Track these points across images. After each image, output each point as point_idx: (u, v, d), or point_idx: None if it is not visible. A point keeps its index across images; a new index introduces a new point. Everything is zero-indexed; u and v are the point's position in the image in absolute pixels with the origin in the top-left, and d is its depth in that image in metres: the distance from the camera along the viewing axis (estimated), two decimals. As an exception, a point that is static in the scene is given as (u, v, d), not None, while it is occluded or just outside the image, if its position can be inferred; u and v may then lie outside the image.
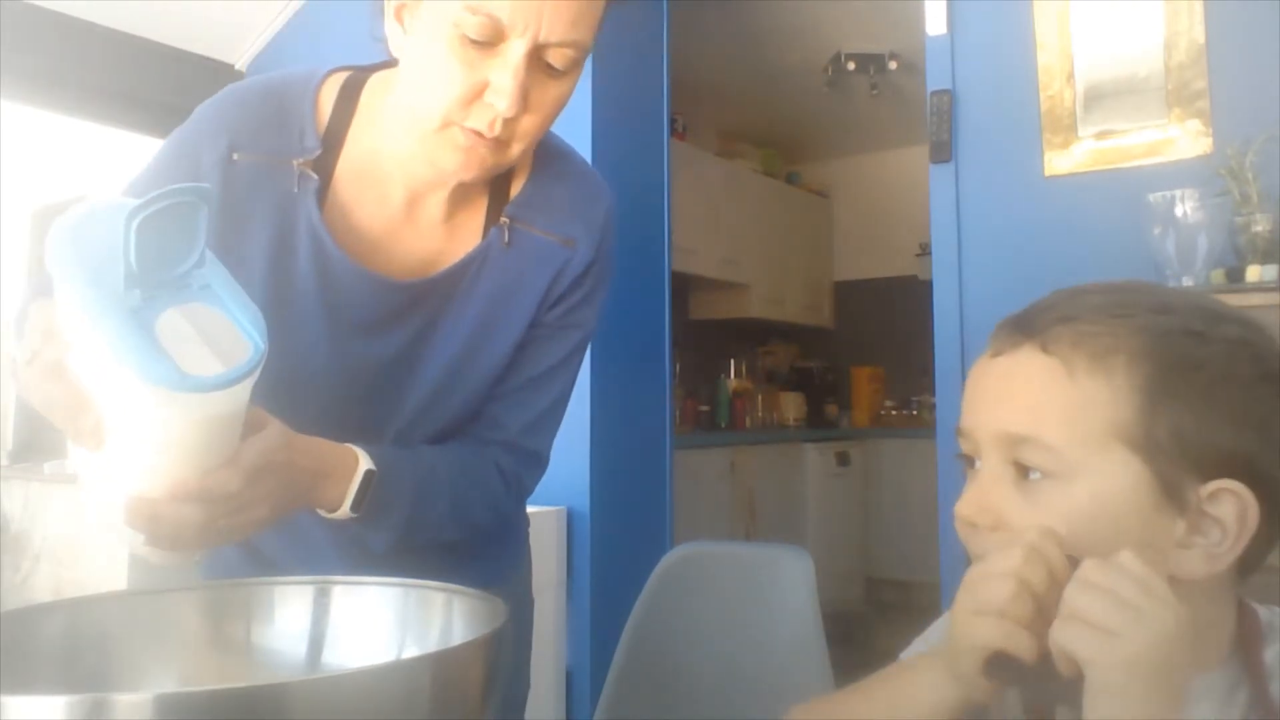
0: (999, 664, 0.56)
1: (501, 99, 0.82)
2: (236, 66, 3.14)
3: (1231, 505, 0.59)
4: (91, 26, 2.74)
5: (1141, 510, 0.60)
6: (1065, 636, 0.53)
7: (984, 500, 0.63)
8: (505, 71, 0.81)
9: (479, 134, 0.84)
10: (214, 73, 3.03)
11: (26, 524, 2.87)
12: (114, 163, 3.00)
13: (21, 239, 2.83)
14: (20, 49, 2.56)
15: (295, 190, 0.91)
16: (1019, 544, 0.57)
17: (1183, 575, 0.59)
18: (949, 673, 0.59)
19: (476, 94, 0.83)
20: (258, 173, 0.90)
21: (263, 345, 0.67)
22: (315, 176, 0.91)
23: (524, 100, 0.83)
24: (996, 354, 0.66)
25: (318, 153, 0.91)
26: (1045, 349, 0.63)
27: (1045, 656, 0.55)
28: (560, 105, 0.88)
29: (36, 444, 2.78)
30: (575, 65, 0.85)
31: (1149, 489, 0.59)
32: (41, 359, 0.67)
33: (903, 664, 0.67)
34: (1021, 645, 0.55)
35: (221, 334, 0.67)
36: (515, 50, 0.81)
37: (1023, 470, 0.62)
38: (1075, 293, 0.66)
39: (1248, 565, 0.62)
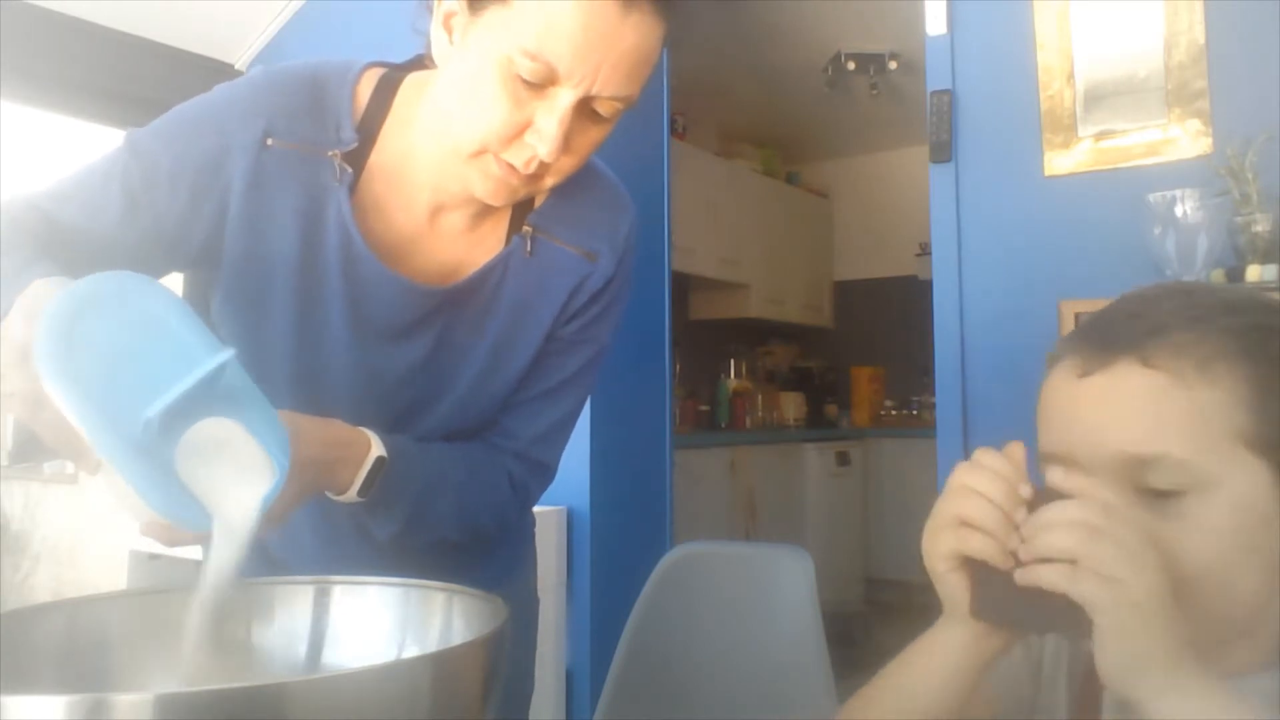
0: (980, 587, 0.59)
1: (543, 144, 0.80)
2: (236, 66, 3.14)
3: None
4: (91, 26, 2.74)
5: (1277, 513, 0.59)
6: (1073, 585, 0.54)
7: None
8: (551, 117, 0.80)
9: (513, 168, 0.83)
10: (214, 73, 3.03)
11: (26, 524, 2.86)
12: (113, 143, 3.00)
13: (21, 239, 2.82)
14: (20, 49, 2.56)
15: (329, 182, 0.89)
16: (969, 463, 0.60)
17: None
18: (953, 624, 0.62)
19: (518, 132, 0.81)
20: (290, 160, 0.89)
21: (286, 464, 0.64)
22: (350, 170, 0.90)
23: (565, 146, 0.82)
24: (1086, 373, 0.64)
25: (354, 145, 0.90)
26: (1146, 363, 0.61)
27: (1030, 593, 0.56)
28: (596, 146, 0.87)
29: (37, 444, 2.78)
30: (619, 114, 0.84)
31: (1273, 491, 0.59)
32: (32, 415, 0.64)
33: (918, 640, 0.67)
34: (985, 549, 0.57)
35: (242, 447, 0.64)
36: (564, 98, 0.79)
37: (1150, 491, 0.60)
38: (1145, 300, 0.65)
39: None
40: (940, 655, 0.63)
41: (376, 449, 0.84)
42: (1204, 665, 0.54)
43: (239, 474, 0.63)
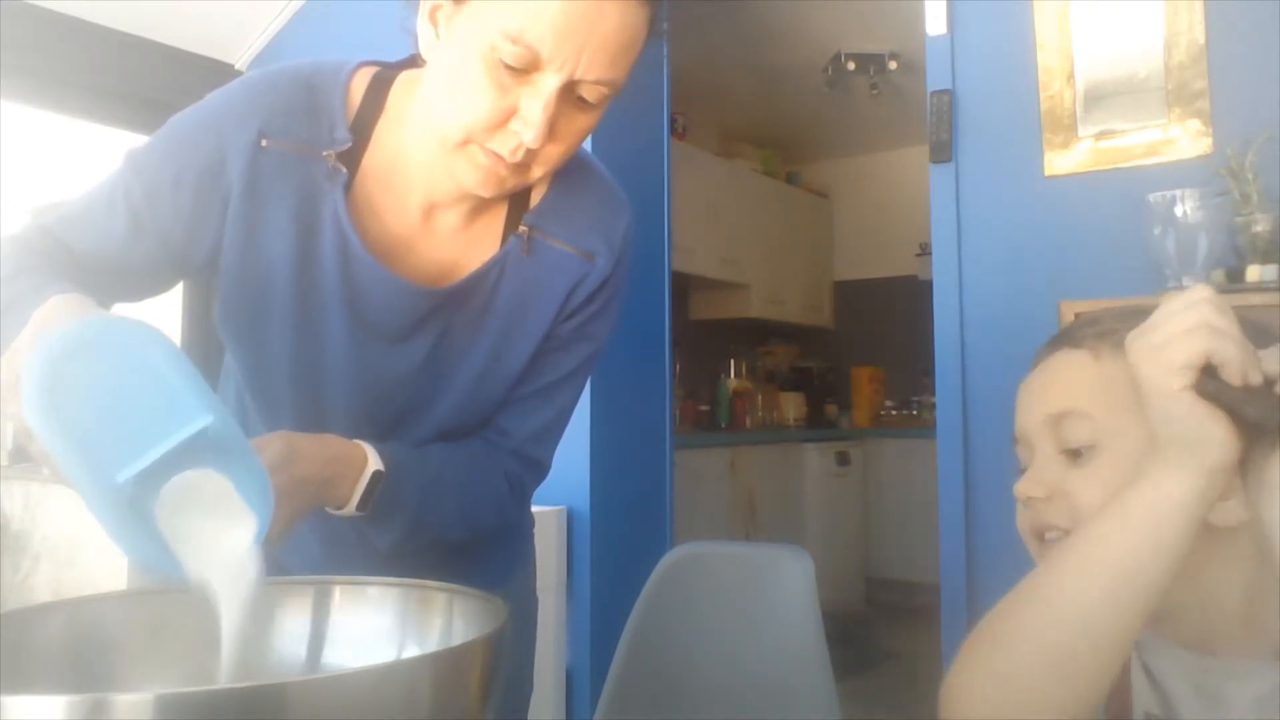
0: (1208, 377, 0.55)
1: (528, 130, 0.80)
2: (236, 66, 3.14)
3: None
4: (91, 26, 2.74)
5: None
6: None
7: (1039, 476, 0.70)
8: (536, 102, 0.80)
9: (499, 156, 0.83)
10: (213, 72, 3.03)
11: (26, 524, 2.86)
12: (114, 163, 3.00)
13: (21, 239, 2.82)
14: (20, 49, 2.56)
15: (324, 182, 0.89)
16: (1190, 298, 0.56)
17: (1220, 523, 0.62)
18: (1171, 469, 0.56)
19: (504, 119, 0.81)
20: (285, 161, 0.89)
21: (267, 517, 0.64)
22: (344, 170, 0.89)
23: (550, 131, 0.81)
24: (1036, 365, 0.75)
25: (348, 145, 0.89)
26: (1075, 346, 0.71)
27: (1256, 391, 0.54)
28: (585, 135, 0.87)
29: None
30: (605, 100, 0.84)
31: None
32: (26, 442, 0.64)
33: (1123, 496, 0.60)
34: (1229, 352, 0.54)
35: (223, 498, 0.63)
36: (549, 83, 0.79)
37: (1073, 454, 0.68)
38: (1101, 311, 0.74)
39: None
40: (1150, 497, 0.57)
41: (373, 463, 0.84)
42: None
43: (219, 526, 0.62)
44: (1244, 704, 0.63)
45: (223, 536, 0.62)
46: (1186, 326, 0.55)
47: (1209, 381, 0.55)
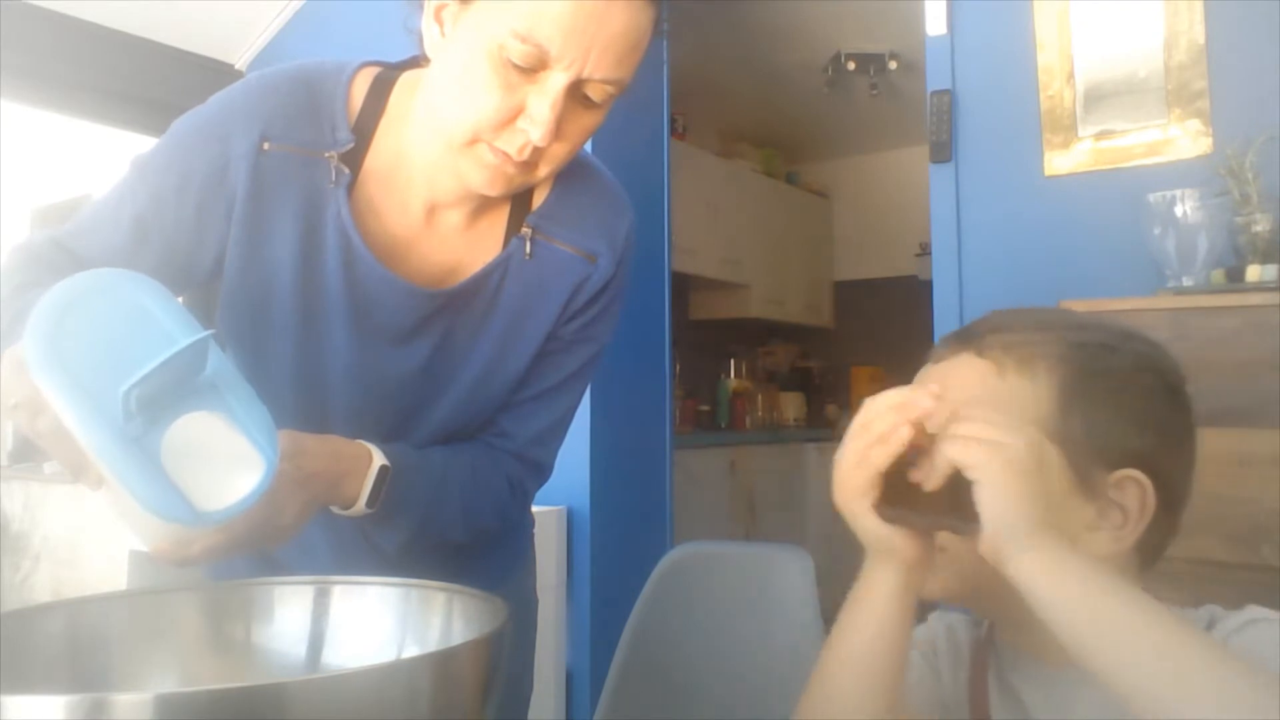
0: (887, 494, 0.63)
1: (536, 129, 0.80)
2: (236, 66, 3.14)
3: (1134, 492, 0.67)
4: (91, 26, 2.74)
5: (1058, 494, 0.66)
6: (956, 451, 0.60)
7: None
8: (543, 101, 0.80)
9: (507, 155, 0.83)
10: (214, 73, 3.03)
11: (26, 524, 2.87)
12: (114, 163, 3.00)
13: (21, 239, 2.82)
14: (20, 49, 2.56)
15: (327, 184, 0.89)
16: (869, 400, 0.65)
17: (1090, 554, 0.63)
18: (875, 565, 0.66)
19: (511, 117, 0.81)
20: (288, 164, 0.89)
21: (274, 459, 0.64)
22: (347, 171, 0.89)
23: (557, 130, 0.81)
24: (937, 361, 0.74)
25: (350, 146, 0.89)
26: (980, 354, 0.71)
27: (928, 496, 0.62)
28: (590, 133, 0.87)
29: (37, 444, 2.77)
30: (611, 100, 0.84)
31: (1064, 476, 0.66)
32: (31, 424, 0.64)
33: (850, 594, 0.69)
34: (891, 455, 0.62)
35: (229, 442, 0.63)
36: (556, 81, 0.79)
37: None
38: (1007, 312, 0.75)
39: (1147, 554, 0.69)
40: (867, 594, 0.66)
41: (379, 459, 0.85)
42: (1063, 537, 0.58)
43: (225, 467, 0.63)
44: (1091, 709, 0.66)
45: (231, 478, 0.63)
46: (850, 464, 0.63)
47: (885, 509, 0.63)
